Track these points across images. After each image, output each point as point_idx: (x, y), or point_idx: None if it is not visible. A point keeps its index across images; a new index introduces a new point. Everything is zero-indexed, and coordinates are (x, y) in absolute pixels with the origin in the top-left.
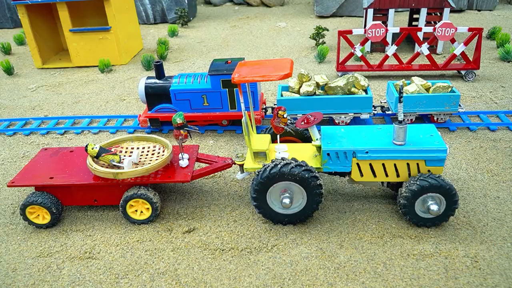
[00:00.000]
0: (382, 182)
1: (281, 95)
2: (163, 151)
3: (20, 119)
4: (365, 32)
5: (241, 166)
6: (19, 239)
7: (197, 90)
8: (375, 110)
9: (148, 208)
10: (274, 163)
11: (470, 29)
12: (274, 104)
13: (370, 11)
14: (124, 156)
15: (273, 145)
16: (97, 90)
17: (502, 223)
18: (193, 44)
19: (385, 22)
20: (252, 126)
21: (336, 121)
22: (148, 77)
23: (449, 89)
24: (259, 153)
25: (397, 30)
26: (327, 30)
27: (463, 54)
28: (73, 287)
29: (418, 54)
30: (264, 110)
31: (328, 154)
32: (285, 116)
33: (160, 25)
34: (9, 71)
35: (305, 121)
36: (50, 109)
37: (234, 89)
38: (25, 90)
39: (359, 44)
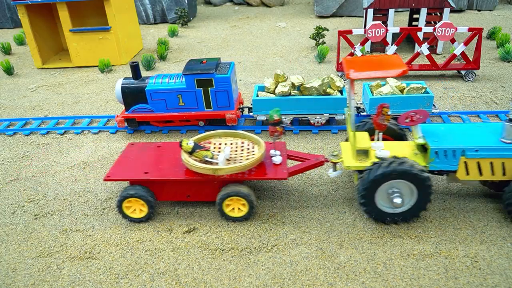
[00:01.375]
0: (484, 181)
1: (257, 95)
2: (253, 147)
3: (20, 119)
4: (365, 32)
5: (335, 164)
6: (19, 239)
7: (172, 90)
8: None
9: (244, 204)
10: (387, 161)
11: (470, 29)
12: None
13: (370, 11)
14: (213, 151)
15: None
16: (97, 90)
17: (502, 223)
18: (193, 44)
19: (385, 22)
20: (352, 124)
21: (312, 122)
22: (125, 78)
23: (423, 90)
24: (361, 151)
25: (397, 30)
26: (327, 30)
27: (463, 54)
28: (73, 287)
29: (418, 54)
30: (240, 110)
31: (436, 153)
32: (389, 113)
33: (160, 25)
34: (9, 71)
35: (410, 119)
36: (50, 109)
37: (209, 88)
38: (25, 90)
39: (359, 44)
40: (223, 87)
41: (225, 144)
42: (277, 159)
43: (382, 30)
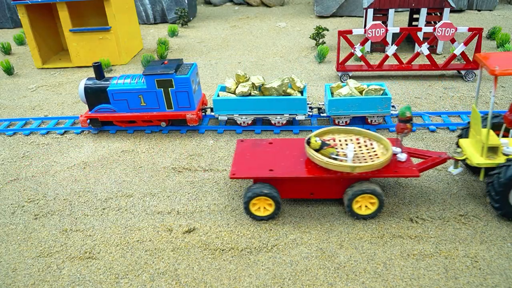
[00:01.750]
0: None
1: (218, 95)
2: (370, 144)
3: (20, 119)
4: (365, 32)
5: (457, 161)
6: (19, 239)
7: (133, 90)
8: (311, 112)
9: (373, 203)
10: None
11: (470, 29)
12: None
13: (370, 11)
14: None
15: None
16: None
17: (502, 223)
18: (193, 44)
19: (385, 22)
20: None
21: (273, 122)
22: (88, 78)
23: (381, 91)
24: (491, 148)
25: (397, 30)
26: (327, 30)
27: (463, 54)
28: (73, 287)
29: (418, 54)
30: (203, 110)
31: None
32: None
33: (160, 25)
34: (9, 71)
35: None
36: (50, 109)
37: (169, 89)
38: (25, 90)
39: (359, 44)
40: (183, 88)
41: (339, 140)
42: (402, 157)
43: (382, 30)
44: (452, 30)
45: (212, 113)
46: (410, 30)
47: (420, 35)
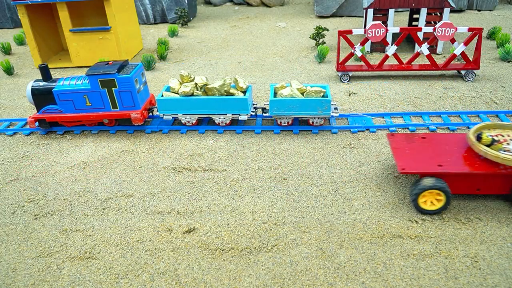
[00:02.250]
0: None
1: (162, 95)
2: None
3: (20, 119)
4: (365, 32)
5: None
6: (19, 239)
7: (78, 91)
8: (254, 112)
9: None
10: None
11: (470, 29)
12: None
13: (370, 11)
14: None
15: None
16: None
17: (502, 223)
18: (193, 44)
19: (385, 22)
20: None
21: (216, 122)
22: (36, 80)
23: (322, 93)
24: None
25: (397, 30)
26: (327, 30)
27: (463, 54)
28: (73, 287)
29: (418, 54)
30: (150, 110)
31: None
32: None
33: (160, 25)
34: (9, 71)
35: None
36: None
37: (113, 89)
38: (25, 90)
39: (359, 44)
40: (126, 87)
41: (503, 136)
42: None
43: (382, 30)
44: (452, 30)
45: (157, 113)
46: (410, 30)
47: (420, 35)
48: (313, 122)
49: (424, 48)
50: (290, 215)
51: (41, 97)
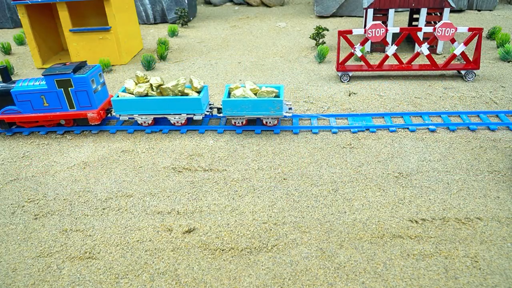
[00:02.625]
0: None
1: (118, 96)
2: None
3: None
4: (365, 32)
5: None
6: (19, 239)
7: (35, 91)
8: (209, 112)
9: None
10: None
11: (470, 29)
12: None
13: (370, 11)
14: None
15: None
16: None
17: (502, 223)
18: (193, 44)
19: (385, 22)
20: None
21: (172, 122)
22: None
23: (274, 94)
24: None
25: (397, 30)
26: (327, 30)
27: (463, 54)
28: (73, 287)
29: (418, 54)
30: (108, 111)
31: None
32: None
33: (160, 25)
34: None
35: None
36: None
37: (69, 89)
38: None
39: (359, 44)
40: (82, 87)
41: None
42: None
43: (382, 30)
44: (452, 30)
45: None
46: (410, 30)
47: (420, 35)
48: (266, 122)
49: (424, 48)
50: (290, 215)
51: (0, 98)
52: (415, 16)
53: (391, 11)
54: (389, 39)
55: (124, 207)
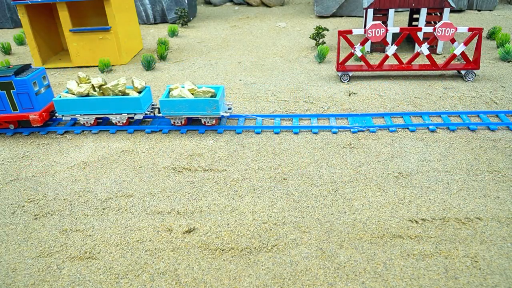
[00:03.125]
0: None
1: (60, 97)
2: None
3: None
4: (365, 32)
5: None
6: (19, 239)
7: None
8: (149, 111)
9: None
10: None
11: (470, 29)
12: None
13: (370, 11)
14: None
15: None
16: None
17: (502, 223)
18: (193, 44)
19: (385, 22)
20: None
21: (113, 121)
22: None
23: (210, 94)
24: None
25: (397, 30)
26: (327, 30)
27: (463, 54)
28: (73, 287)
29: (418, 54)
30: (51, 113)
31: None
32: None
33: (160, 25)
34: None
35: None
36: None
37: (11, 91)
38: None
39: (359, 44)
40: (23, 89)
41: None
42: None
43: (382, 30)
44: (452, 30)
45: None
46: (410, 30)
47: (420, 35)
48: (205, 122)
49: (424, 48)
50: (290, 215)
51: None
52: (415, 16)
53: (391, 11)
54: (389, 39)
55: (124, 207)
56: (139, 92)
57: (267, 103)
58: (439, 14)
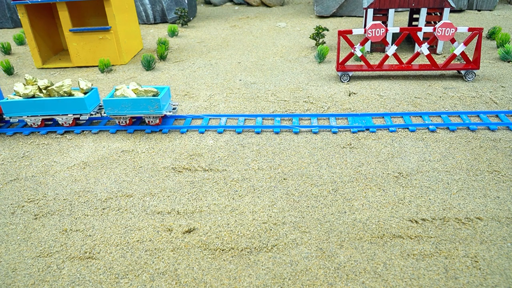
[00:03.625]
0: None
1: (7, 99)
2: None
3: (20, 119)
4: (365, 32)
5: None
6: (19, 239)
7: None
8: (95, 112)
9: None
10: None
11: (470, 29)
12: None
13: (370, 11)
14: None
15: None
16: None
17: (502, 223)
18: (193, 44)
19: (385, 22)
20: None
21: (60, 122)
22: None
23: (152, 93)
24: None
25: (397, 30)
26: (327, 30)
27: (463, 54)
28: (73, 287)
29: (418, 54)
30: (0, 115)
31: None
32: None
33: (160, 25)
34: (9, 71)
35: None
36: None
37: None
38: None
39: (359, 44)
40: None
41: None
42: None
43: (382, 30)
44: (452, 30)
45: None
46: (410, 30)
47: (420, 35)
48: (149, 122)
49: (424, 48)
50: (290, 215)
51: None
52: (415, 16)
53: (391, 11)
54: (389, 39)
55: (124, 207)
56: (85, 93)
57: (267, 103)
58: (439, 14)
